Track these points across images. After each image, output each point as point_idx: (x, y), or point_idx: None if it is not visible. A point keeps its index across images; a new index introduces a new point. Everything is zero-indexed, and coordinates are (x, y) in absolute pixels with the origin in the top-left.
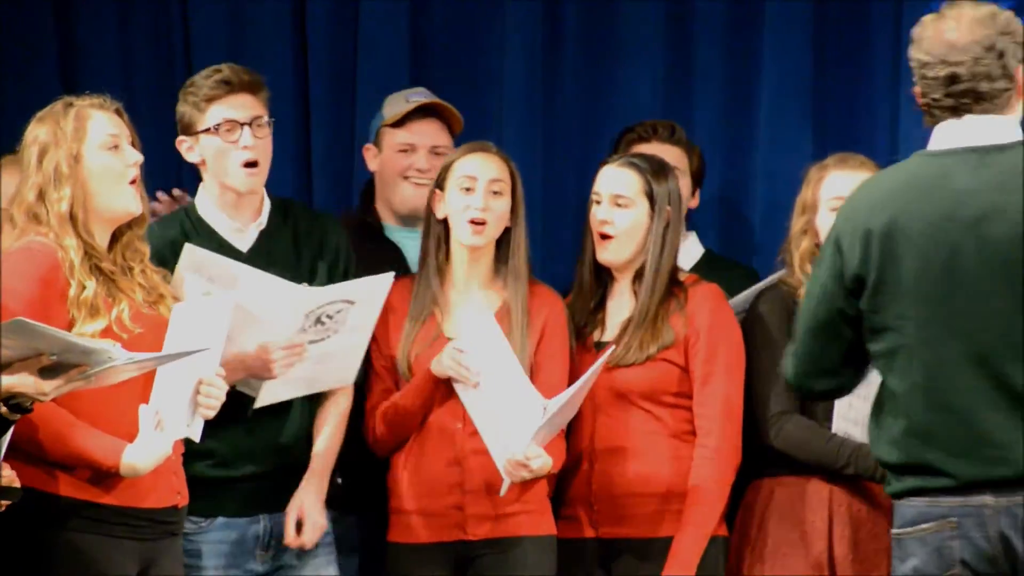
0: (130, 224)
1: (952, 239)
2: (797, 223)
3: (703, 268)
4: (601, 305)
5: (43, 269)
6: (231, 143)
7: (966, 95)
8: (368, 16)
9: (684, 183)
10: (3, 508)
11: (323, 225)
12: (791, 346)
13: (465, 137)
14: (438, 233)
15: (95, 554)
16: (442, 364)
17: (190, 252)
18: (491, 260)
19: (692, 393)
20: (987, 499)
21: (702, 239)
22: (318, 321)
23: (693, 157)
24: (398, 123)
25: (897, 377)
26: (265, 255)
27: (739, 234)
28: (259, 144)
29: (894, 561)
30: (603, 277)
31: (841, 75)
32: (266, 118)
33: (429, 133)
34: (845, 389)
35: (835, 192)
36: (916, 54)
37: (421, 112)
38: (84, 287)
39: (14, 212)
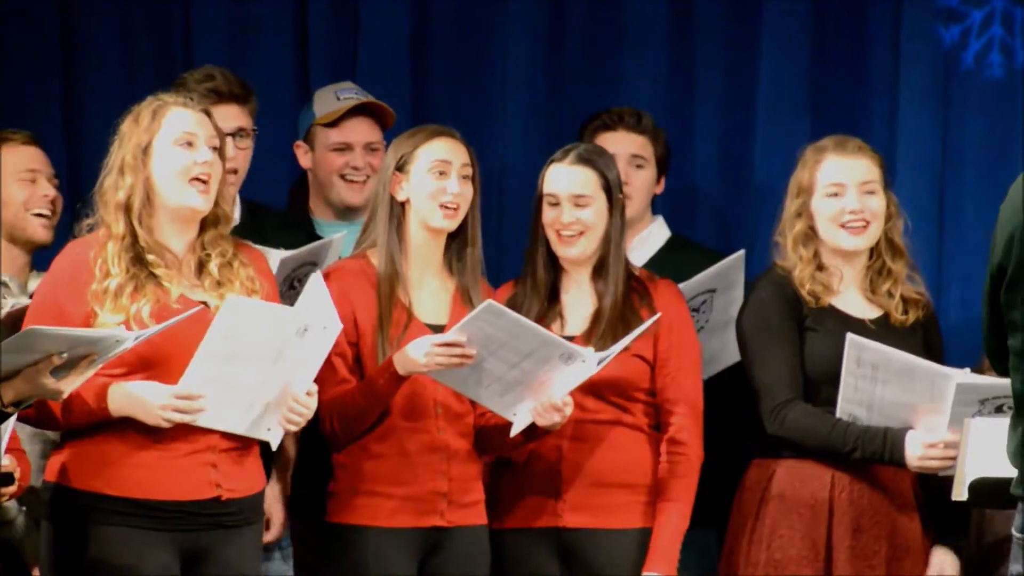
0: (215, 222)
1: None
2: (792, 205)
3: (669, 252)
4: (554, 298)
5: (71, 266)
6: None
7: None
8: (369, 7)
9: (650, 171)
10: (5, 497)
11: (287, 225)
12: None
13: (468, 130)
14: (397, 215)
15: (124, 547)
16: (423, 362)
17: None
18: (443, 244)
19: (656, 389)
20: None
21: (698, 228)
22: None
23: (659, 144)
24: (331, 122)
25: (1021, 379)
26: None
27: (737, 225)
28: (239, 155)
29: (1011, 558)
30: (553, 270)
31: (840, 68)
32: (250, 128)
33: (363, 131)
34: None
35: (831, 178)
36: None
37: (353, 110)
38: (108, 279)
39: (96, 199)
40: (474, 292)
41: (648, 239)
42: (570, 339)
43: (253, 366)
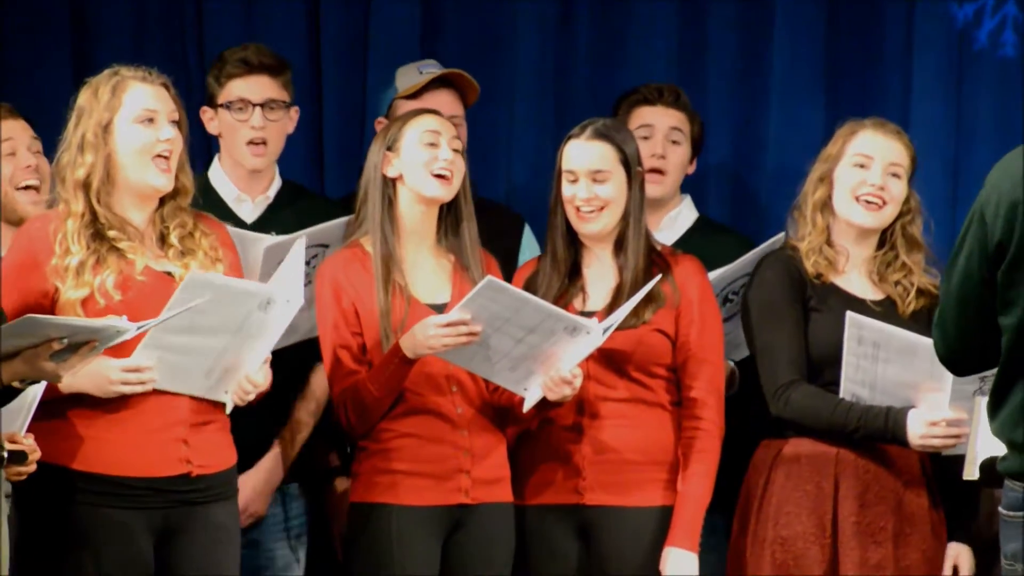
0: (174, 194)
1: None
2: (816, 171)
3: (697, 233)
4: (576, 274)
5: (30, 242)
6: (241, 121)
7: None
8: None
9: (685, 148)
10: (17, 475)
11: (327, 212)
12: (937, 321)
13: (477, 111)
14: (388, 194)
15: (93, 524)
16: (430, 344)
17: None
18: (435, 221)
19: (677, 364)
20: None
21: (711, 207)
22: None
23: (695, 123)
24: (413, 95)
25: (1022, 355)
26: (268, 229)
27: (748, 204)
28: (269, 126)
29: (1001, 538)
30: (574, 246)
31: (853, 46)
32: (284, 101)
33: (445, 104)
34: (992, 363)
35: (862, 148)
36: None
37: (435, 83)
38: (68, 257)
39: (54, 173)
40: (474, 266)
41: (677, 219)
42: (591, 314)
43: (213, 336)
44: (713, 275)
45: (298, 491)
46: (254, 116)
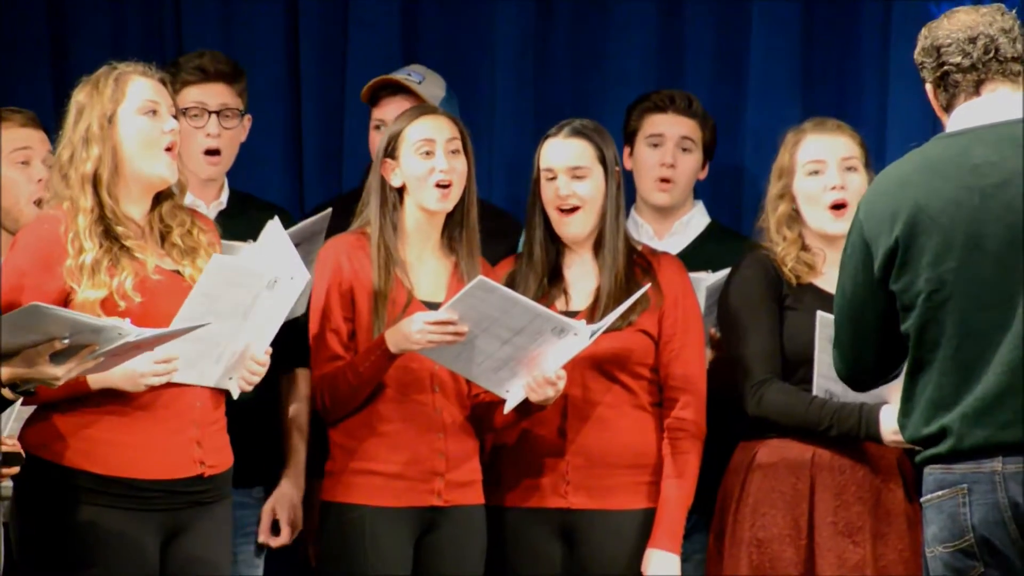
0: (170, 193)
1: (973, 210)
2: (774, 187)
3: (708, 239)
4: (556, 275)
5: (41, 242)
6: (197, 128)
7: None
8: None
9: (696, 156)
10: (9, 473)
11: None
12: (835, 342)
13: (459, 110)
14: (393, 201)
15: (106, 527)
16: (415, 340)
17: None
18: (440, 225)
19: (659, 365)
20: (996, 465)
21: None
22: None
23: (707, 129)
24: (372, 101)
25: (925, 350)
26: (222, 237)
27: (727, 203)
28: (224, 134)
29: (923, 527)
30: (554, 248)
31: (830, 46)
32: (239, 109)
33: (395, 111)
34: (890, 373)
35: (811, 156)
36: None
37: (392, 89)
38: (83, 255)
39: (52, 174)
40: (470, 270)
41: (688, 224)
42: (573, 315)
43: (226, 322)
44: (709, 284)
45: (263, 495)
46: (210, 123)
